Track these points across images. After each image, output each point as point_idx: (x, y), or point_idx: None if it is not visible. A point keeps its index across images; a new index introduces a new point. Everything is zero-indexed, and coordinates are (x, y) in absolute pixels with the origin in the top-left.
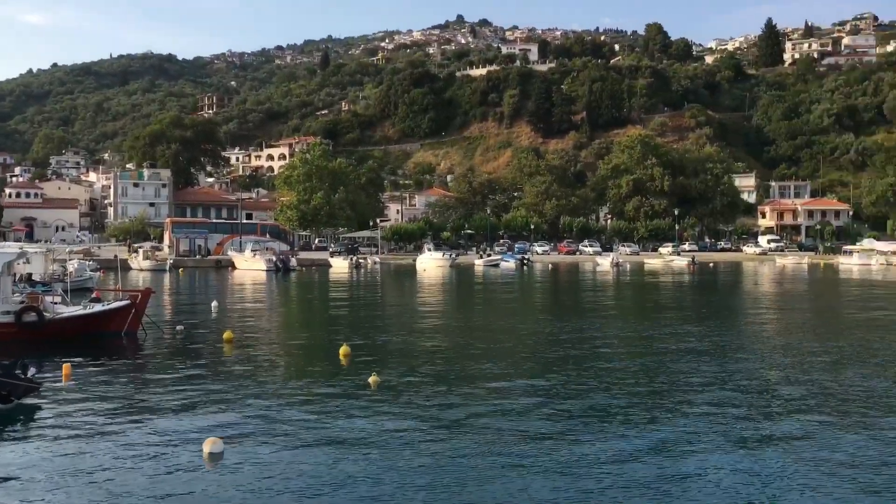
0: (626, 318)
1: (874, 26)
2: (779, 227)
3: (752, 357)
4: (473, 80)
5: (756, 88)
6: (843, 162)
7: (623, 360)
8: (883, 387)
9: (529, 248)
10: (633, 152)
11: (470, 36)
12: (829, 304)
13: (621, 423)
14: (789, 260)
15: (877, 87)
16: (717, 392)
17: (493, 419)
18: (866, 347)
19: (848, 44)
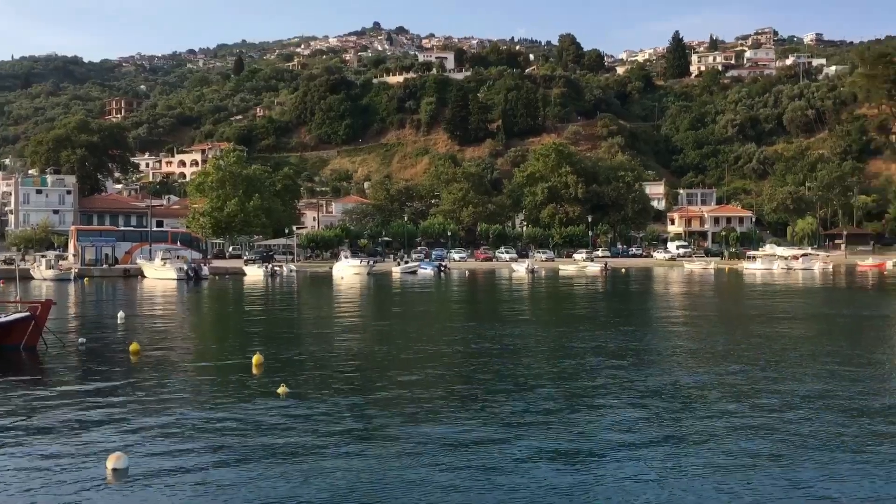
0: (541, 323)
1: (774, 41)
2: (687, 234)
3: (663, 360)
4: (390, 88)
5: (664, 99)
6: (746, 170)
7: (539, 365)
8: (787, 388)
9: (447, 255)
10: (548, 160)
11: (387, 43)
12: (735, 308)
13: (538, 428)
14: (697, 265)
15: (777, 99)
16: (632, 394)
17: (407, 427)
18: (769, 349)
19: (750, 57)
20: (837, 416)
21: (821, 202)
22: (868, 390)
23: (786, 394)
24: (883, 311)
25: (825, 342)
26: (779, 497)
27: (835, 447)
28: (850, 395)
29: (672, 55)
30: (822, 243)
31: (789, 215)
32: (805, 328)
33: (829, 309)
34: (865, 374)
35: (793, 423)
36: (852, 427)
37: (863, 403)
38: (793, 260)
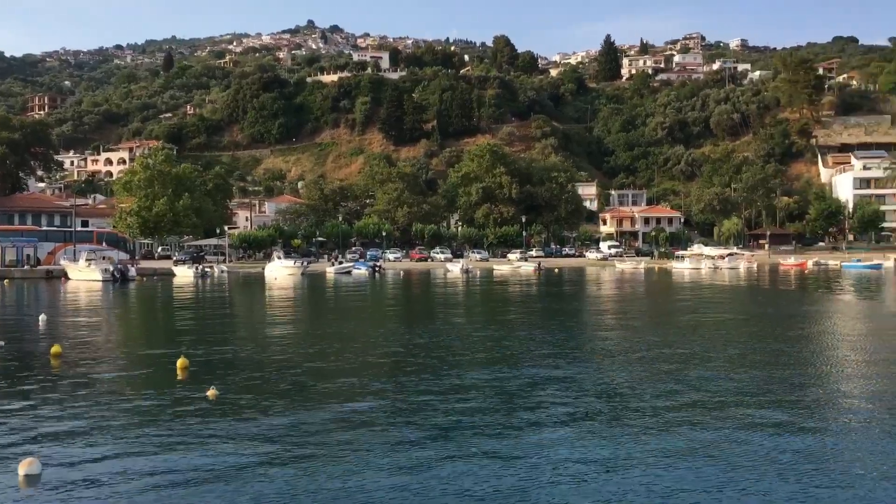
0: (476, 323)
1: (702, 46)
2: (618, 234)
3: (597, 359)
4: (325, 87)
5: (597, 101)
6: (675, 172)
7: (474, 366)
8: (714, 384)
9: (381, 256)
10: (483, 161)
11: (321, 41)
12: (665, 307)
13: (473, 429)
14: (628, 265)
15: (704, 103)
16: (564, 392)
17: (340, 430)
18: (699, 347)
19: (678, 61)
20: (762, 411)
21: (746, 203)
22: (791, 386)
23: (715, 391)
24: (805, 309)
25: (751, 340)
26: (709, 491)
27: (760, 442)
28: (775, 391)
29: (604, 58)
30: (747, 243)
31: (716, 216)
32: (732, 327)
33: (755, 308)
34: (787, 370)
35: (723, 420)
36: (777, 421)
37: (786, 398)
38: (719, 259)
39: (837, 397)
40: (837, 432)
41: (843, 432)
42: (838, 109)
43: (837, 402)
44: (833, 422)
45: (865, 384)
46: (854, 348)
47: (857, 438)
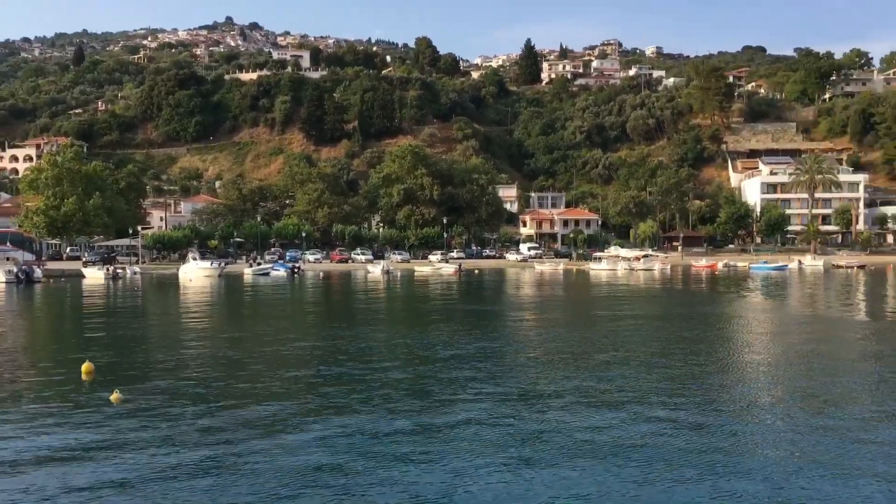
0: (396, 325)
1: (619, 52)
2: (538, 235)
3: (515, 361)
4: (243, 85)
5: (517, 104)
6: (593, 175)
7: (393, 368)
8: (628, 381)
9: (301, 257)
10: (404, 162)
11: (240, 39)
12: (583, 308)
13: (390, 432)
14: (547, 266)
15: (621, 108)
16: (483, 394)
17: (252, 437)
18: (612, 344)
19: (596, 67)
20: (677, 408)
21: (660, 206)
22: (702, 385)
23: (631, 389)
24: (715, 309)
25: (665, 341)
26: (628, 486)
27: (675, 438)
28: (688, 389)
29: (524, 62)
30: (661, 245)
31: (632, 218)
32: (647, 327)
33: (669, 309)
34: (698, 369)
35: (636, 416)
36: (690, 418)
37: (698, 396)
38: (635, 261)
39: (744, 395)
40: (744, 427)
41: (750, 427)
42: (747, 116)
43: (744, 399)
44: (739, 417)
45: (770, 382)
46: (760, 348)
47: (762, 432)
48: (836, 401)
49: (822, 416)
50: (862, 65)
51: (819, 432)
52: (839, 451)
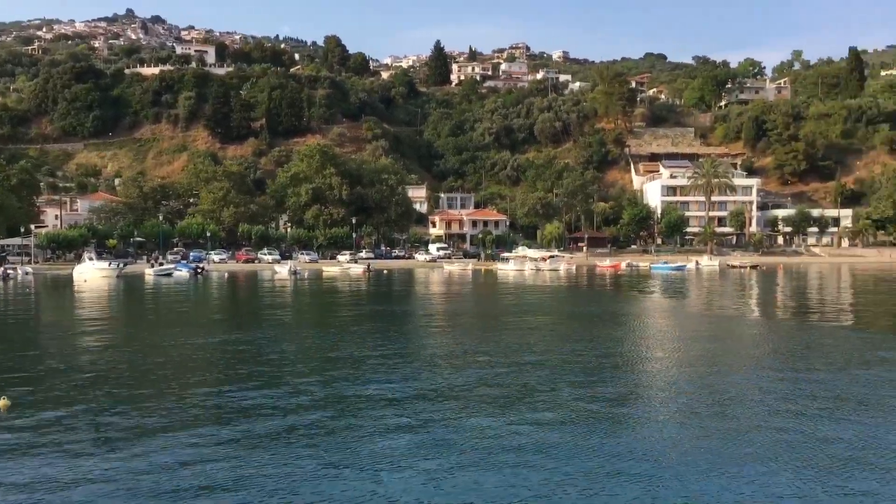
0: (302, 327)
1: (527, 55)
2: (447, 236)
3: (424, 362)
4: (145, 79)
5: (427, 105)
6: (501, 176)
7: (298, 372)
8: (532, 379)
9: (205, 257)
10: (313, 161)
11: (141, 32)
12: (492, 309)
13: (297, 437)
14: (456, 266)
15: (529, 111)
16: (390, 396)
17: (146, 443)
18: (518, 343)
19: (505, 69)
20: (584, 407)
21: (566, 208)
22: (606, 381)
23: (533, 389)
24: (619, 308)
25: (569, 339)
26: (537, 487)
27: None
28: (592, 386)
29: (434, 63)
30: (567, 246)
31: (539, 219)
32: (553, 326)
33: (575, 308)
34: (604, 368)
35: (539, 419)
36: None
37: (604, 393)
38: (542, 261)
39: (643, 393)
40: (645, 424)
41: (651, 423)
42: (648, 121)
43: (642, 397)
44: (639, 415)
45: (668, 380)
46: (660, 346)
47: (660, 430)
48: (728, 398)
49: (713, 414)
50: (755, 74)
51: (708, 430)
52: (727, 448)
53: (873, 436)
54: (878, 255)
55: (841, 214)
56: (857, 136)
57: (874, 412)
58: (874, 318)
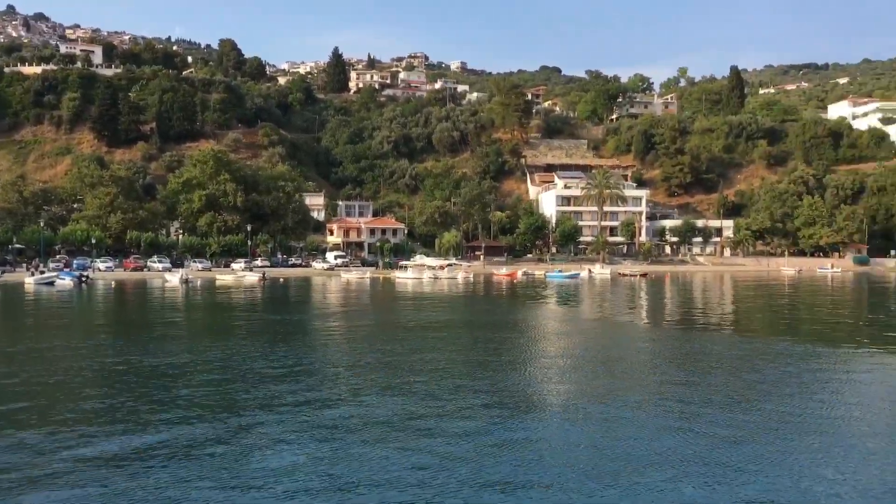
0: (193, 339)
1: (425, 65)
2: (345, 244)
3: (320, 375)
4: (26, 79)
5: (325, 112)
6: (399, 185)
7: (188, 387)
8: (428, 387)
9: (90, 265)
10: (206, 167)
11: (23, 29)
12: (389, 317)
13: (183, 456)
14: (353, 275)
15: (427, 120)
16: (288, 407)
17: (24, 460)
18: (415, 351)
19: (404, 78)
20: (484, 415)
21: (464, 217)
22: (505, 387)
23: (430, 398)
24: (515, 316)
25: (468, 346)
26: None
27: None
28: (493, 393)
29: (332, 70)
30: (464, 254)
31: (437, 228)
32: (450, 334)
33: (471, 316)
34: (501, 374)
35: (431, 429)
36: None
37: (502, 398)
38: (439, 270)
39: (540, 398)
40: (545, 428)
41: (549, 429)
42: (544, 132)
43: (540, 402)
44: (539, 418)
45: (562, 387)
46: (554, 353)
47: (559, 433)
48: (620, 405)
49: (607, 420)
50: (644, 89)
51: (602, 436)
52: (621, 453)
53: (755, 434)
54: (757, 264)
55: (723, 225)
56: (738, 150)
57: (755, 413)
58: (752, 324)
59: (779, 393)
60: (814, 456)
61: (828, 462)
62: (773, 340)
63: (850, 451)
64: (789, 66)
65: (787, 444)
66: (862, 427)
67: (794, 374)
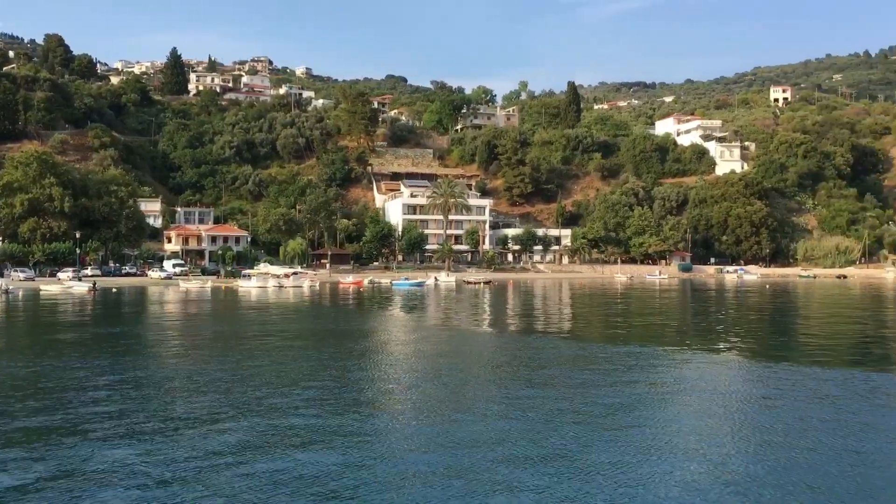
0: (14, 355)
1: (269, 69)
2: (184, 252)
3: (157, 390)
4: None
5: (162, 114)
6: (242, 191)
7: (5, 408)
8: (273, 400)
9: None
10: (29, 170)
11: None
12: (229, 326)
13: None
14: (193, 284)
15: (271, 125)
16: (126, 429)
17: None
18: (260, 364)
19: (247, 82)
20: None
21: (309, 224)
22: (346, 404)
23: (267, 411)
24: (362, 325)
25: (313, 356)
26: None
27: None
28: (341, 403)
29: (170, 71)
30: (310, 262)
31: (282, 236)
32: (299, 345)
33: (317, 325)
34: (346, 385)
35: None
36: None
37: (346, 412)
38: (284, 278)
39: (383, 406)
40: (379, 441)
41: (386, 439)
42: (390, 141)
43: (383, 410)
44: (375, 430)
45: (405, 396)
46: (400, 362)
47: (394, 446)
48: (461, 411)
49: (450, 426)
50: (488, 101)
51: (445, 444)
52: (463, 460)
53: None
54: (593, 271)
55: (562, 234)
56: (575, 162)
57: (592, 417)
58: (589, 329)
59: (609, 395)
60: (640, 456)
61: (651, 458)
62: (606, 344)
63: (673, 446)
64: (621, 83)
65: (612, 446)
66: (682, 423)
67: (624, 374)
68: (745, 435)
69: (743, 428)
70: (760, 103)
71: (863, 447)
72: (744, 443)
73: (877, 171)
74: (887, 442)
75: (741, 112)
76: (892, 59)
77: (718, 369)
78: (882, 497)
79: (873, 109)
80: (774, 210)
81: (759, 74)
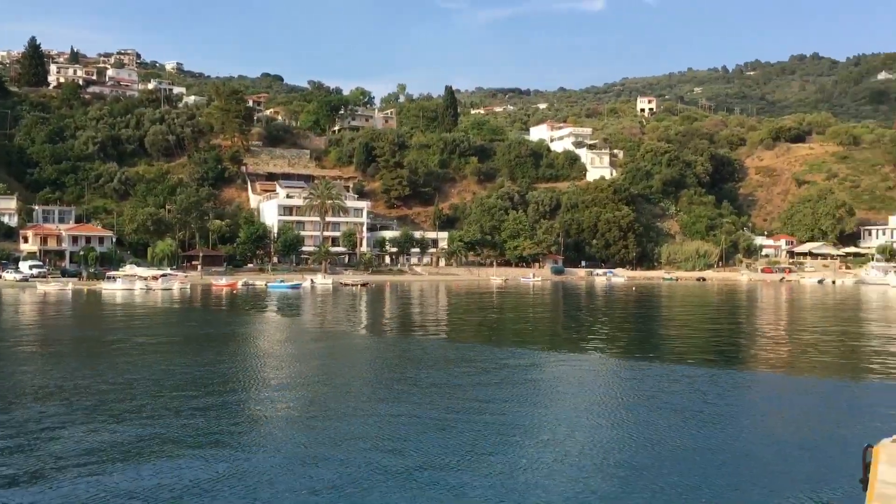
0: None
1: (137, 63)
2: (42, 253)
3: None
4: None
5: (19, 107)
6: (107, 190)
7: None
8: (139, 408)
9: None
10: None
11: None
12: (90, 330)
13: None
14: (52, 286)
15: (139, 121)
16: None
17: None
18: (123, 370)
19: (112, 76)
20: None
21: (180, 225)
22: (217, 409)
23: (143, 417)
24: (236, 329)
25: (182, 361)
26: None
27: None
28: (206, 414)
29: (28, 61)
30: (180, 264)
31: (150, 236)
32: (167, 351)
33: (188, 329)
34: (220, 393)
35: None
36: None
37: (218, 421)
38: (153, 280)
39: (256, 411)
40: (253, 446)
41: (261, 445)
42: (266, 140)
43: (256, 415)
44: (248, 436)
45: (279, 400)
46: (275, 366)
47: (266, 452)
48: (339, 413)
49: (328, 431)
50: (365, 102)
51: (321, 450)
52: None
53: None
54: (469, 274)
55: (439, 237)
56: (452, 166)
57: (470, 414)
58: (465, 331)
59: (487, 394)
60: (525, 450)
61: (536, 452)
62: (482, 345)
63: (539, 436)
64: (497, 89)
65: (489, 439)
66: (549, 415)
67: (496, 373)
68: (622, 427)
69: (620, 421)
70: (628, 113)
71: (719, 434)
72: (619, 433)
73: (733, 179)
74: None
75: (610, 121)
76: (748, 75)
77: (590, 367)
78: (744, 474)
79: (730, 121)
80: (640, 215)
81: (627, 85)
